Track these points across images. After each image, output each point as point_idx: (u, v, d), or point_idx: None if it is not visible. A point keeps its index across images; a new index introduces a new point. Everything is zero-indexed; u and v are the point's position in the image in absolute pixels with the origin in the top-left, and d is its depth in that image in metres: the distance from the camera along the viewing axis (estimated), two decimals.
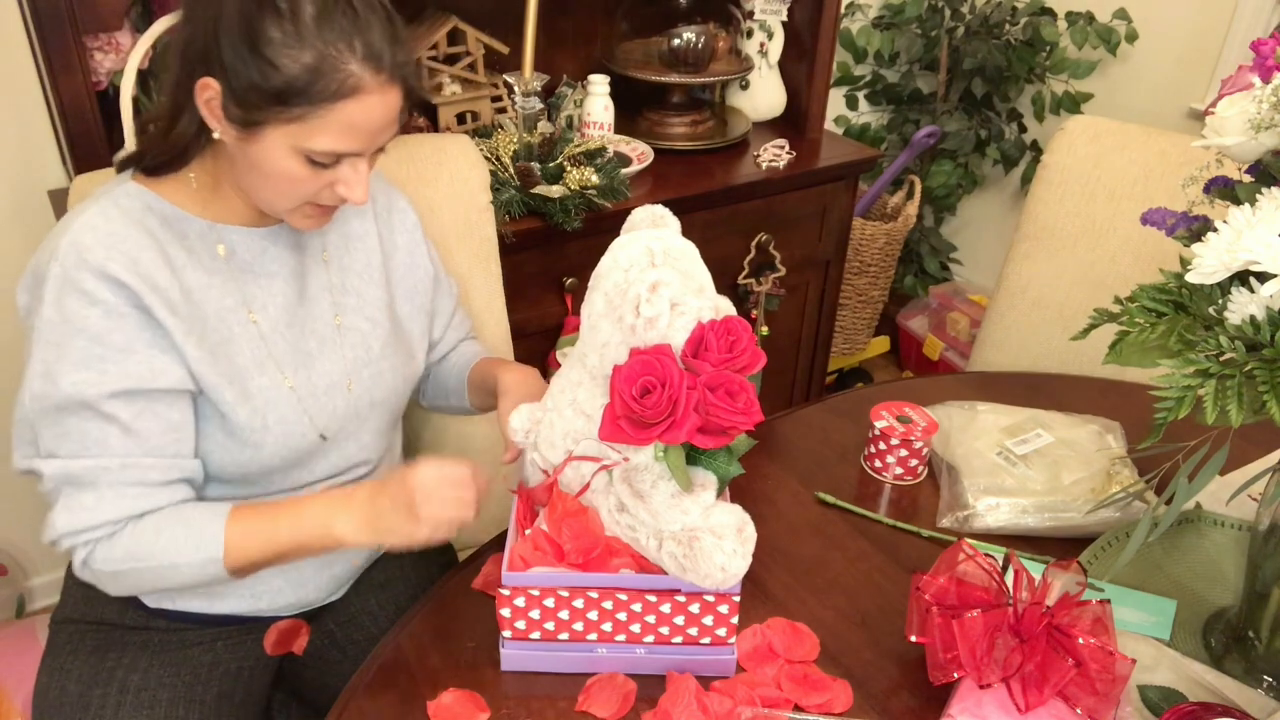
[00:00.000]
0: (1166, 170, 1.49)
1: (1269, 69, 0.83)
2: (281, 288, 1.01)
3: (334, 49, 0.85)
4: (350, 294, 1.07)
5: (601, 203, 1.64)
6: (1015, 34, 2.48)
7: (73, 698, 1.01)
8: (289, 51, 0.84)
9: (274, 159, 0.89)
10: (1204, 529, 1.11)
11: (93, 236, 0.89)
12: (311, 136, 0.87)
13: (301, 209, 0.95)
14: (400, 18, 0.92)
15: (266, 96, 0.85)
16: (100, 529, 0.90)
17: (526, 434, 0.97)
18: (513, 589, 0.88)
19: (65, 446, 0.89)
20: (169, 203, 0.95)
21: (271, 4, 0.84)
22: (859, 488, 1.19)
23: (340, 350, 1.05)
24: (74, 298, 0.88)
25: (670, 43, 1.91)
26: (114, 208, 0.92)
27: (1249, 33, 2.16)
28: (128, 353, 0.89)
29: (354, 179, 0.93)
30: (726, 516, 0.85)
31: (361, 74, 0.86)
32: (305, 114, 0.86)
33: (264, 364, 0.98)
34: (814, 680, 0.92)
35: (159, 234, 0.93)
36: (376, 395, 1.08)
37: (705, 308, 0.84)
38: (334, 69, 0.85)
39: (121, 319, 0.89)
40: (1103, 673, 0.81)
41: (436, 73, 1.74)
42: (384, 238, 1.12)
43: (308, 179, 0.91)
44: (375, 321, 1.09)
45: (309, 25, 0.84)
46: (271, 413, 0.97)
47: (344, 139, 0.89)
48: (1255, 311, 0.76)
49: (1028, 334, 1.61)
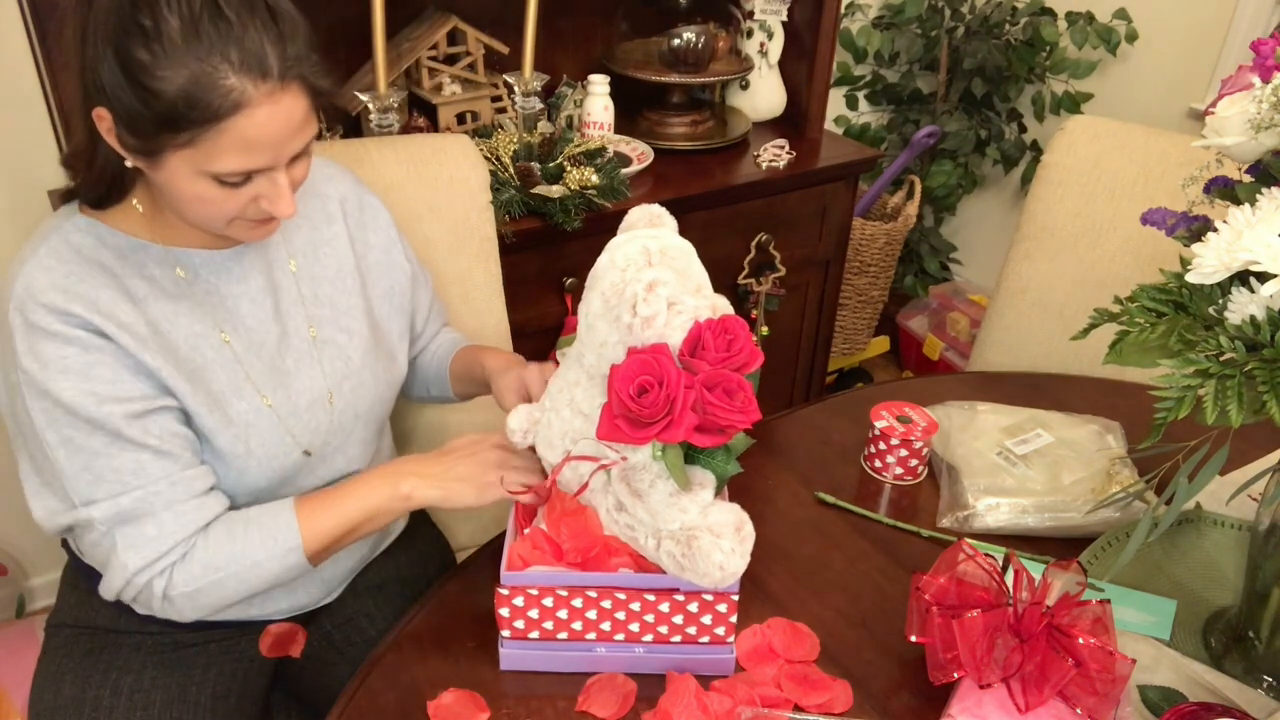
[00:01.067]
0: (1166, 170, 1.49)
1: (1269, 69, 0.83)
2: (251, 307, 0.99)
3: (208, 64, 0.78)
4: (324, 305, 1.05)
5: (601, 203, 1.64)
6: (1015, 34, 2.47)
7: (67, 700, 1.01)
8: (161, 74, 0.77)
9: (182, 185, 0.84)
10: (1204, 529, 1.11)
11: (48, 279, 0.86)
12: (210, 159, 0.82)
13: (234, 224, 0.90)
14: (291, 10, 0.84)
15: (152, 124, 0.79)
16: (173, 553, 0.89)
17: (525, 434, 0.97)
18: (511, 589, 0.88)
19: (103, 488, 0.88)
20: (121, 232, 0.92)
21: (137, 25, 0.77)
22: (859, 488, 1.19)
23: (319, 365, 1.03)
24: (46, 343, 0.85)
25: (670, 43, 1.91)
26: (65, 246, 0.89)
27: (1249, 33, 2.15)
28: (116, 382, 0.87)
29: (274, 193, 0.87)
30: (725, 515, 0.85)
31: (243, 86, 0.79)
32: (195, 137, 0.80)
33: (241, 387, 0.96)
34: (814, 680, 0.92)
35: (116, 268, 0.90)
36: (360, 407, 1.06)
37: (702, 307, 0.84)
38: (211, 86, 0.78)
39: (99, 351, 0.87)
40: (1103, 673, 0.81)
41: (437, 73, 1.74)
42: (355, 239, 1.09)
43: (224, 199, 0.86)
44: (352, 332, 1.06)
45: (176, 43, 0.77)
46: (254, 436, 0.96)
47: (244, 157, 0.83)
48: (1255, 311, 0.76)
49: (1028, 334, 1.61)
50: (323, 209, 1.08)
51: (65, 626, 1.07)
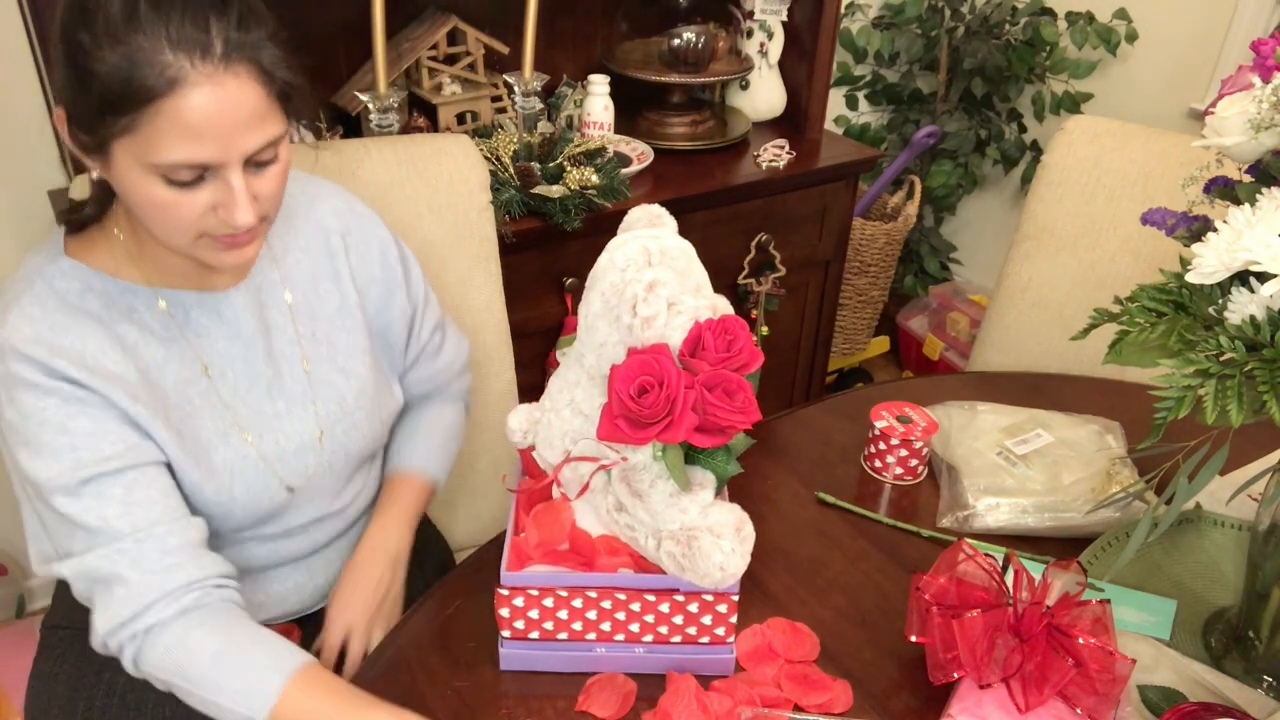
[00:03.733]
0: (1166, 170, 1.49)
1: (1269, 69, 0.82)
2: (243, 351, 0.95)
3: (146, 42, 0.74)
4: (321, 343, 1.01)
5: (601, 203, 1.64)
6: (1015, 34, 2.47)
7: (62, 701, 1.01)
8: (99, 54, 0.74)
9: (131, 184, 0.80)
10: (1204, 529, 1.11)
11: (32, 330, 0.84)
12: (150, 148, 0.77)
13: (200, 242, 0.84)
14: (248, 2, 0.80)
15: (94, 111, 0.76)
16: (142, 618, 0.85)
17: (525, 434, 0.97)
18: (511, 589, 0.88)
19: (75, 542, 0.85)
20: (107, 275, 0.89)
21: (81, 9, 0.75)
22: (859, 488, 1.19)
23: (311, 408, 0.99)
24: (27, 393, 0.83)
25: (670, 43, 1.91)
26: (50, 294, 0.86)
27: (1249, 33, 2.15)
28: (98, 435, 0.85)
29: (228, 197, 0.81)
30: (725, 515, 0.85)
31: (179, 63, 0.75)
32: (133, 121, 0.76)
33: (227, 433, 0.93)
34: (814, 680, 0.92)
35: (103, 315, 0.87)
36: (353, 447, 1.04)
37: (702, 307, 0.84)
38: (145, 62, 0.74)
39: (81, 404, 0.84)
40: (1103, 673, 0.81)
41: (437, 73, 1.74)
42: (357, 273, 1.04)
43: (176, 204, 0.80)
44: (349, 372, 1.02)
45: (117, 21, 0.74)
46: (238, 484, 0.94)
47: (187, 145, 0.77)
48: (1255, 311, 0.76)
49: (1028, 334, 1.61)
50: (324, 242, 1.03)
51: (60, 628, 1.07)
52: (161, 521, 0.87)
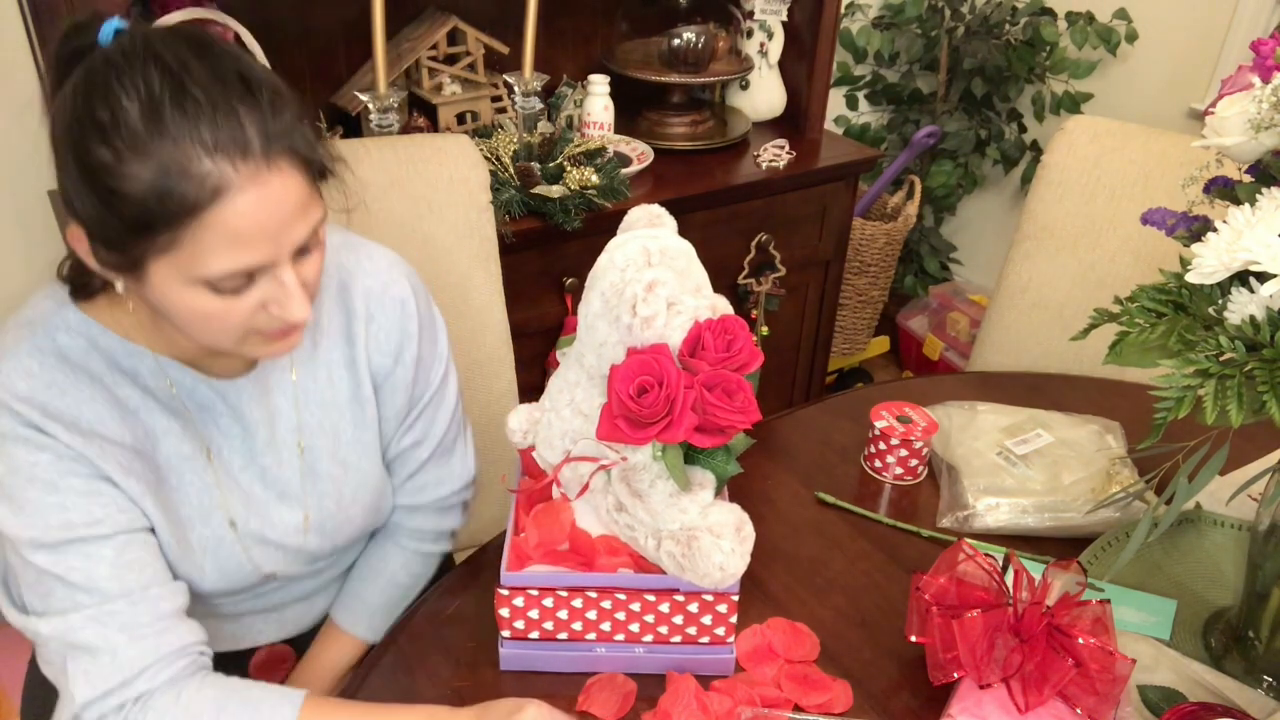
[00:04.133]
0: (1166, 170, 1.49)
1: (1269, 69, 0.83)
2: (241, 434, 0.90)
3: (178, 151, 0.68)
4: (325, 434, 0.94)
5: (601, 203, 1.64)
6: (1015, 34, 2.47)
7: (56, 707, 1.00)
8: (126, 171, 0.68)
9: (174, 298, 0.74)
10: (1204, 529, 1.11)
11: (27, 386, 0.78)
12: (196, 262, 0.71)
13: (249, 342, 0.79)
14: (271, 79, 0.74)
15: (125, 230, 0.70)
16: (130, 687, 0.79)
17: (525, 434, 0.97)
18: (511, 589, 0.88)
19: (55, 600, 0.79)
20: (115, 334, 0.82)
21: (92, 121, 0.68)
22: (859, 488, 1.19)
23: (302, 500, 0.94)
24: (18, 446, 0.78)
25: (670, 43, 1.91)
26: (52, 350, 0.80)
27: (1249, 33, 2.15)
28: (90, 496, 0.79)
29: (283, 295, 0.76)
30: (725, 515, 0.85)
31: (220, 170, 0.69)
32: (176, 238, 0.70)
33: (210, 513, 0.88)
34: (814, 680, 0.92)
35: (106, 378, 0.82)
36: (340, 541, 1.00)
37: (702, 307, 0.84)
38: (183, 174, 0.68)
39: (75, 462, 0.79)
40: (1103, 673, 0.81)
41: (437, 73, 1.74)
42: (373, 361, 0.96)
43: (227, 310, 0.75)
44: (349, 465, 0.96)
45: (139, 132, 0.67)
46: (209, 561, 0.89)
47: (238, 253, 0.71)
48: (1255, 311, 0.76)
49: (1028, 334, 1.61)
50: (345, 328, 0.94)
51: None
52: (153, 585, 0.82)
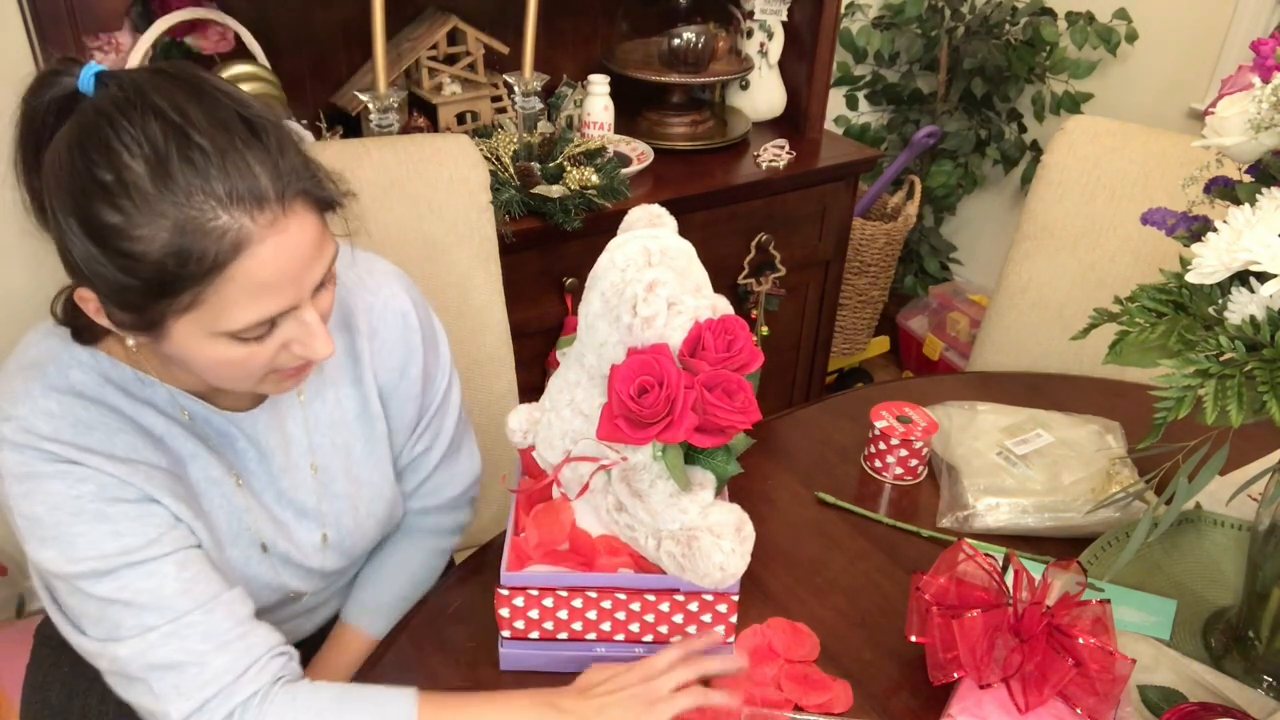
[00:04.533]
0: (1166, 170, 1.49)
1: (1269, 69, 0.83)
2: (258, 458, 0.90)
3: (191, 208, 0.66)
4: (337, 453, 0.94)
5: (601, 203, 1.64)
6: (1015, 34, 2.47)
7: (55, 708, 1.00)
8: (140, 233, 0.66)
9: (196, 352, 0.73)
10: (1204, 529, 1.11)
11: (52, 427, 0.75)
12: (221, 317, 0.70)
13: (267, 381, 0.79)
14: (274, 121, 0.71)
15: (143, 294, 0.68)
16: (233, 692, 0.77)
17: (525, 434, 0.97)
18: (511, 589, 0.88)
19: (125, 630, 0.76)
20: (126, 366, 0.80)
21: (96, 183, 0.66)
22: (859, 488, 1.19)
23: (319, 520, 0.95)
24: (55, 482, 0.75)
25: (670, 43, 1.91)
26: (67, 389, 0.77)
27: (1249, 33, 2.15)
28: (142, 518, 0.77)
29: (306, 335, 0.75)
30: (725, 515, 0.85)
31: (239, 223, 0.67)
32: (198, 296, 0.68)
33: (239, 535, 0.88)
34: (814, 680, 0.92)
35: (127, 409, 0.79)
36: (357, 552, 1.01)
37: (702, 307, 0.84)
38: (201, 232, 0.66)
39: (121, 488, 0.77)
40: (1103, 673, 0.81)
41: (437, 73, 1.74)
42: (380, 376, 0.95)
43: (249, 356, 0.74)
44: (362, 481, 0.96)
45: (148, 191, 0.65)
46: (241, 582, 0.87)
47: (260, 304, 0.70)
48: (1255, 311, 0.76)
49: (1028, 334, 1.61)
50: (349, 346, 0.94)
51: (54, 635, 1.06)
52: (222, 592, 0.80)
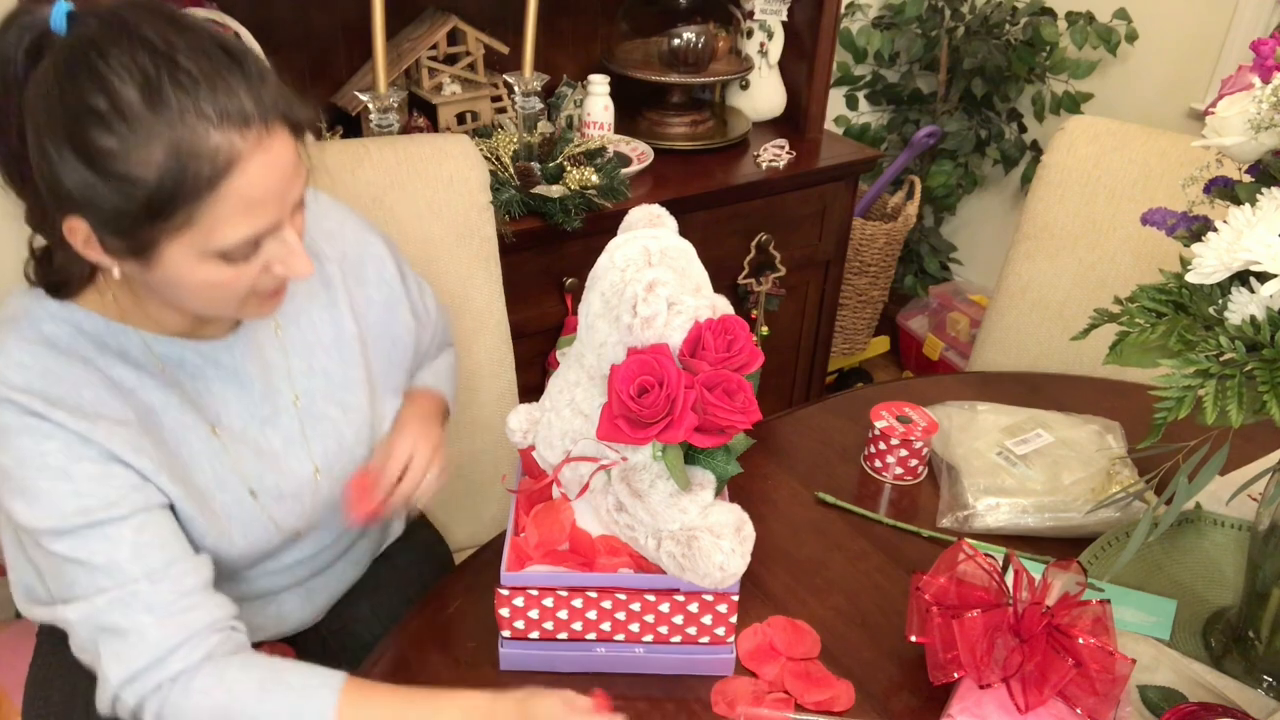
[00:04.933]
0: (1166, 170, 1.49)
1: (1269, 69, 0.83)
2: (238, 393, 0.91)
3: (184, 128, 0.69)
4: (317, 376, 0.96)
5: (601, 203, 1.64)
6: (1015, 34, 2.47)
7: (57, 706, 1.00)
8: (136, 155, 0.69)
9: (186, 274, 0.76)
10: (1204, 529, 1.11)
11: (23, 378, 0.78)
12: (213, 235, 0.74)
13: (247, 304, 0.82)
14: (249, 49, 0.76)
15: (139, 216, 0.71)
16: (165, 665, 0.79)
17: (525, 434, 0.97)
18: (511, 589, 0.88)
19: (79, 586, 0.79)
20: (98, 315, 0.83)
21: (89, 110, 0.69)
22: (859, 488, 1.19)
23: (307, 446, 0.96)
24: (24, 437, 0.78)
25: (670, 43, 1.91)
26: (39, 339, 0.80)
27: (1249, 33, 2.15)
28: (102, 480, 0.80)
29: (287, 254, 0.79)
30: (725, 515, 0.85)
31: (231, 140, 0.71)
32: (191, 215, 0.72)
33: (225, 479, 0.89)
34: (817, 677, 0.92)
35: (97, 360, 0.82)
36: (349, 478, 1.00)
37: (702, 307, 0.84)
38: (195, 152, 0.70)
39: (84, 446, 0.79)
40: (1103, 673, 0.81)
41: (437, 73, 1.74)
42: (354, 297, 1.00)
43: (236, 276, 0.78)
44: (347, 405, 0.98)
45: (141, 114, 0.69)
46: (236, 529, 0.90)
47: (249, 221, 0.75)
48: (1255, 311, 0.76)
49: (1028, 334, 1.61)
50: (319, 272, 0.97)
51: (56, 634, 1.07)
52: (175, 561, 0.82)
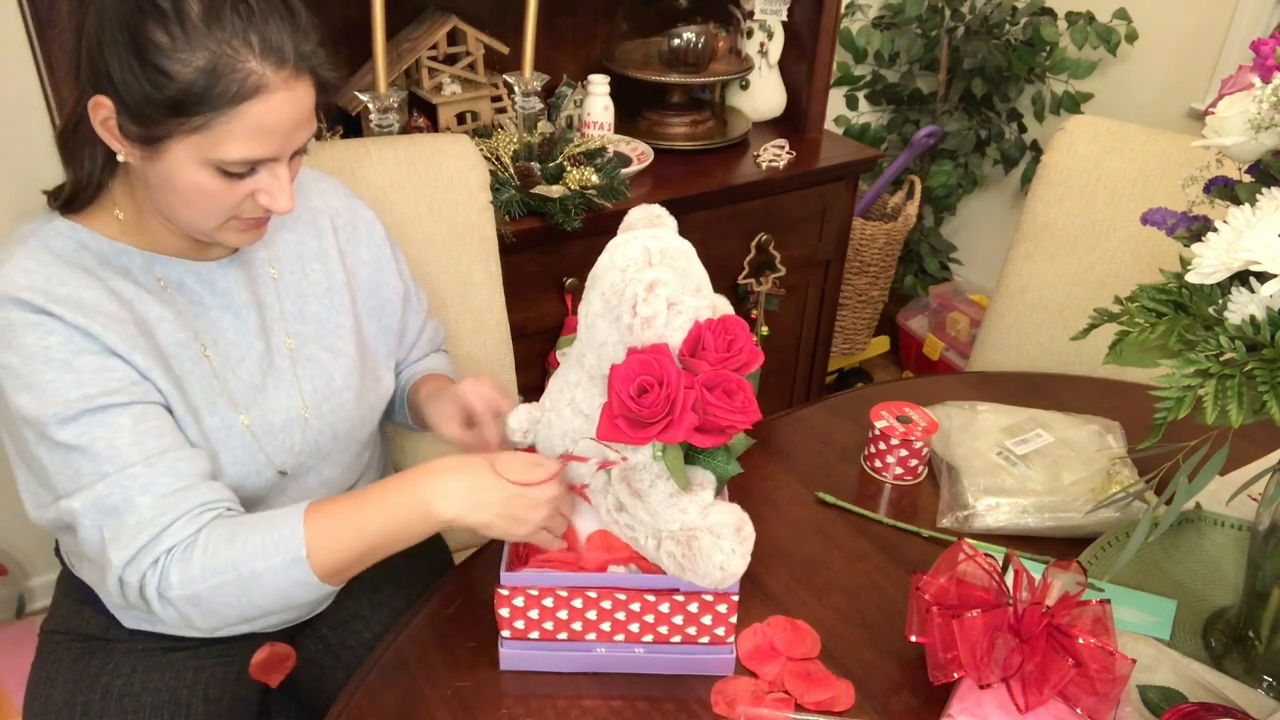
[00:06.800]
0: (1166, 170, 1.49)
1: (1269, 69, 0.83)
2: (234, 322, 0.97)
3: (229, 47, 0.79)
4: (309, 321, 1.03)
5: (601, 203, 1.64)
6: (1015, 34, 2.47)
7: (58, 705, 1.01)
8: (180, 55, 0.78)
9: (183, 175, 0.83)
10: (1204, 529, 1.11)
11: (27, 280, 0.85)
12: (218, 145, 0.81)
13: (227, 225, 0.89)
14: (306, 10, 0.86)
15: (163, 108, 0.79)
16: (158, 543, 0.83)
17: (525, 434, 0.97)
18: (511, 589, 0.88)
19: (83, 475, 0.84)
20: (103, 236, 0.91)
21: (154, 6, 0.78)
22: (859, 488, 1.19)
23: (296, 384, 1.00)
24: (28, 334, 0.83)
25: (670, 43, 1.91)
26: (45, 250, 0.87)
27: (1249, 33, 2.15)
28: (103, 371, 0.85)
29: (274, 186, 0.87)
30: (725, 516, 0.85)
31: (263, 71, 0.80)
32: (208, 121, 0.80)
33: (215, 402, 0.93)
34: (817, 677, 0.92)
35: (99, 272, 0.88)
36: (340, 428, 1.04)
37: (702, 307, 0.84)
38: (231, 69, 0.79)
39: (88, 340, 0.85)
40: (1103, 673, 0.81)
41: (437, 72, 1.74)
42: (346, 254, 1.08)
43: (223, 192, 0.85)
44: (337, 350, 1.04)
45: (197, 25, 0.78)
46: (225, 453, 0.93)
47: (254, 144, 0.83)
48: (1255, 311, 0.76)
49: (1028, 334, 1.61)
50: (312, 223, 1.06)
51: (57, 633, 1.07)
52: (171, 449, 0.87)
